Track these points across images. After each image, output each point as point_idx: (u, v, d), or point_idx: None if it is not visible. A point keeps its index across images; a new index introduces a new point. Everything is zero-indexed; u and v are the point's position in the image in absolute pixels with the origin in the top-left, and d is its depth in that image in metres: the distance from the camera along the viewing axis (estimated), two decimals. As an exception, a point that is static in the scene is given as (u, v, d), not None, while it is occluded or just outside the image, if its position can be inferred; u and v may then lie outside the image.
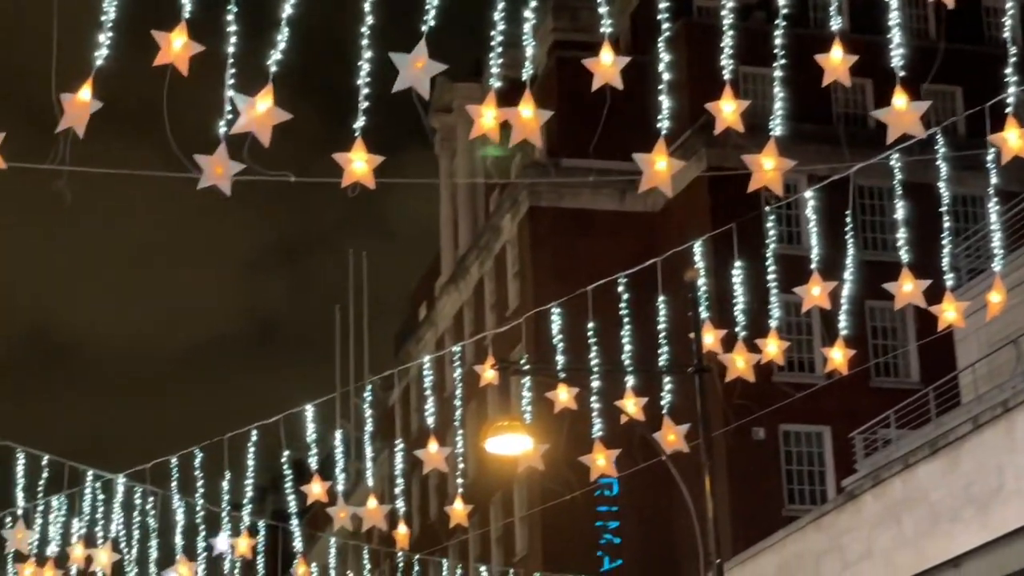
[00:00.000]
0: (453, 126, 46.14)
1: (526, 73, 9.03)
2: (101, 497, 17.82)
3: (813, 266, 13.42)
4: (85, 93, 8.86)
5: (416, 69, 8.68)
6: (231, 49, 8.98)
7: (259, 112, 8.85)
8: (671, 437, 14.85)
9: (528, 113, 9.10)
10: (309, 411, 16.57)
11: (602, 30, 9.36)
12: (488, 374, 15.83)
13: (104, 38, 8.86)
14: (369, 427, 19.25)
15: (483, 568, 29.88)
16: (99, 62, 8.82)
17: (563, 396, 14.97)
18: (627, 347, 15.71)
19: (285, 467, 18.03)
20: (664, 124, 9.84)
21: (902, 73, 9.99)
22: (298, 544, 23.37)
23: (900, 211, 13.54)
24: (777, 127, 10.71)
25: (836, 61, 9.80)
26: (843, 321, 14.05)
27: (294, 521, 19.40)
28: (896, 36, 10.41)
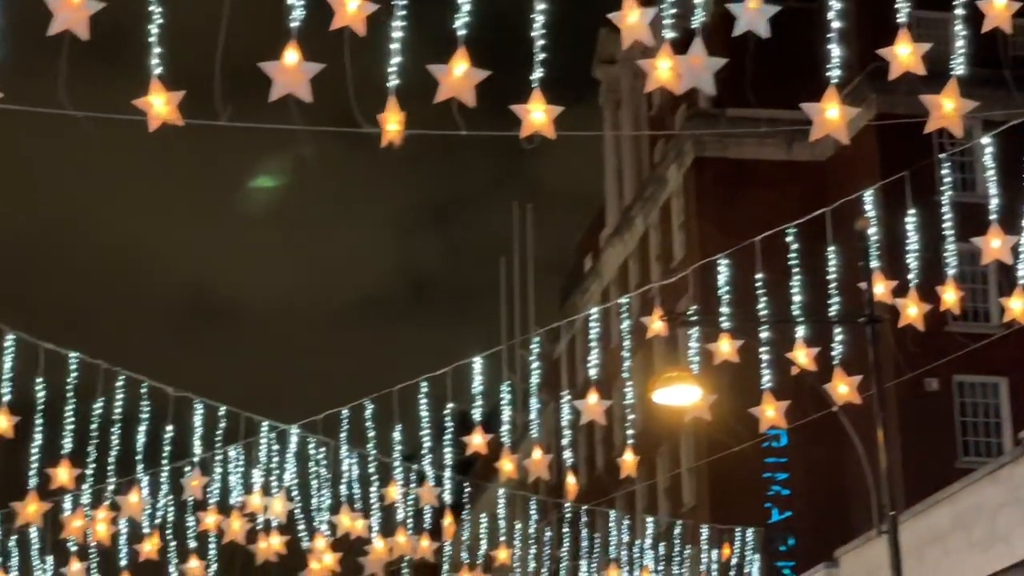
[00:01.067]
0: (617, 77, 45.90)
1: (696, 21, 8.95)
2: (275, 447, 18.19)
3: (992, 217, 13.12)
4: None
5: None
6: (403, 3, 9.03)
7: (457, 76, 8.91)
8: (842, 388, 14.67)
9: (699, 59, 8.99)
10: (477, 363, 16.71)
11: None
12: (655, 325, 15.79)
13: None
14: (535, 379, 19.34)
15: (650, 519, 29.84)
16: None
17: (724, 348, 14.87)
18: (796, 297, 15.55)
19: (451, 419, 18.21)
20: (835, 72, 9.67)
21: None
22: (463, 496, 23.62)
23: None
24: (959, 67, 10.44)
25: (999, 7, 9.57)
26: (1021, 270, 13.72)
27: (446, 475, 19.61)
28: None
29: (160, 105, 9.44)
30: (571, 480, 18.80)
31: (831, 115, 9.52)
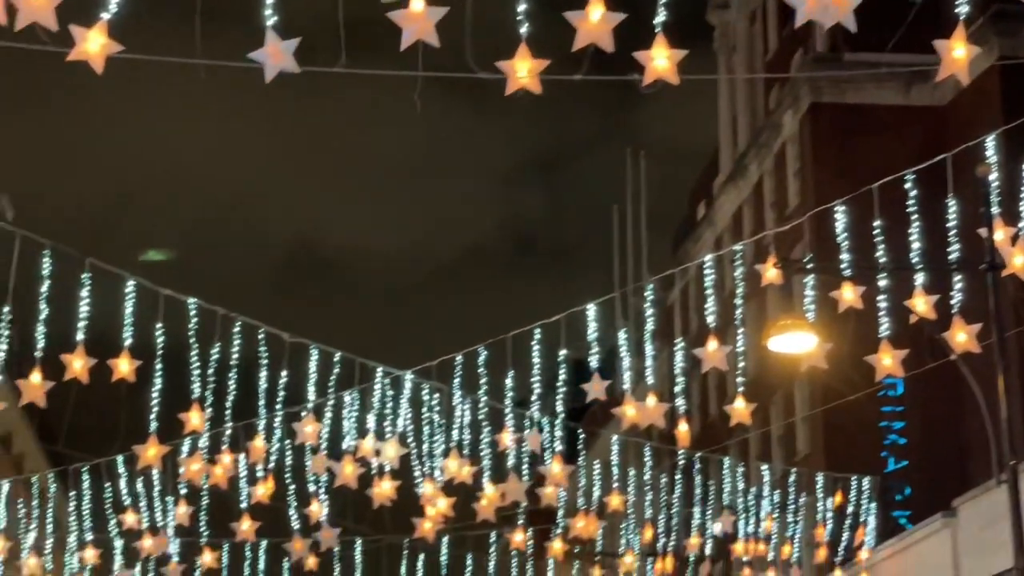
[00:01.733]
0: (731, 22, 45.38)
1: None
2: (389, 393, 18.33)
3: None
4: None
5: None
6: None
7: (594, 21, 8.85)
8: (961, 337, 14.43)
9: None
10: (591, 310, 16.68)
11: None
12: (770, 273, 15.64)
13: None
14: (649, 326, 19.27)
15: (764, 467, 29.70)
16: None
17: (848, 295, 14.68)
18: (915, 244, 15.32)
19: (564, 366, 18.21)
20: (963, 7, 9.45)
21: None
22: (577, 443, 23.66)
23: None
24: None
25: None
26: None
27: (555, 422, 19.63)
28: None
29: (274, 54, 9.45)
30: (684, 427, 18.73)
31: (957, 55, 9.29)
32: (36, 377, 14.50)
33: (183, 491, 20.73)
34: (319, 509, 20.58)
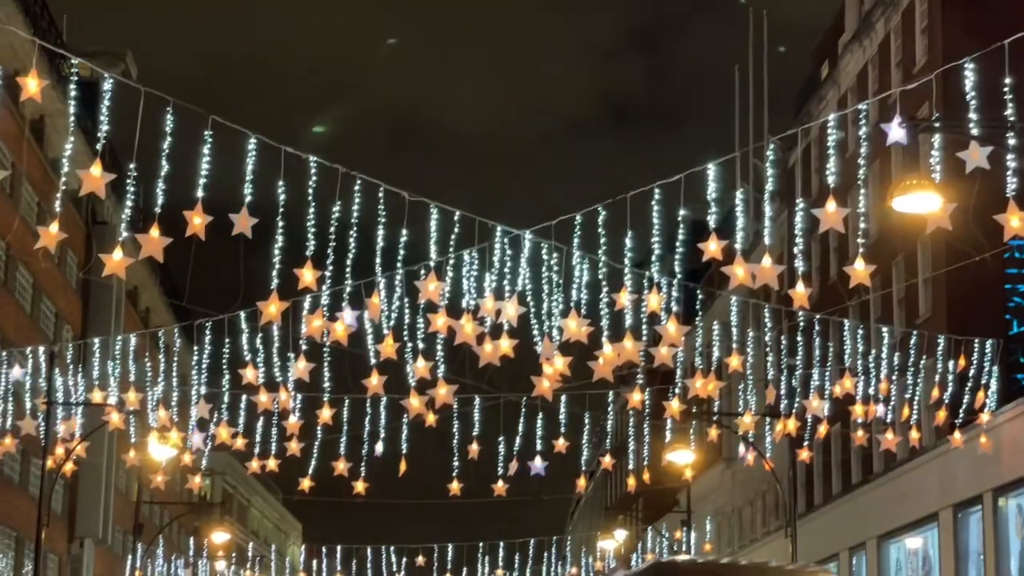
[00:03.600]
0: None
1: None
2: (509, 252, 18.36)
3: None
4: None
5: None
6: None
7: None
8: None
9: None
10: (711, 170, 16.51)
11: None
12: (895, 132, 15.34)
13: None
14: (769, 187, 19.06)
15: (885, 329, 29.43)
16: None
17: (975, 154, 14.36)
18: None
19: (683, 227, 18.08)
20: None
21: None
22: (696, 303, 23.57)
23: None
24: None
25: None
26: None
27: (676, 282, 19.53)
28: None
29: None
30: (801, 289, 18.56)
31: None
32: (155, 232, 14.70)
33: (304, 347, 21.06)
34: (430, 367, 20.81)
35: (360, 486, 30.47)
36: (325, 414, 25.54)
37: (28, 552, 49.02)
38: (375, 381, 21.50)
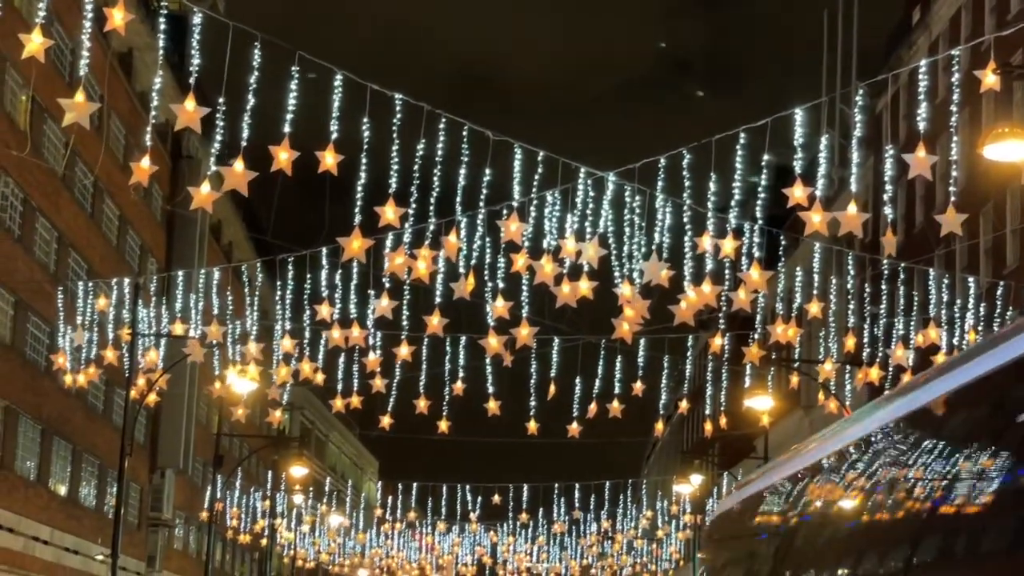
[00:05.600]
0: None
1: None
2: (592, 194, 18.27)
3: None
4: None
5: None
6: None
7: None
8: None
9: None
10: (798, 114, 16.32)
11: None
12: (988, 79, 15.08)
13: None
14: (857, 133, 18.83)
15: (971, 279, 29.10)
16: None
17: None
18: None
19: (767, 172, 17.91)
20: None
21: None
22: (779, 249, 23.35)
23: None
24: None
25: None
26: None
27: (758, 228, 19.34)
28: None
29: None
30: (888, 236, 18.34)
31: None
32: (239, 165, 14.76)
33: (386, 284, 21.12)
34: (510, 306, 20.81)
35: (444, 424, 30.63)
36: (403, 351, 25.62)
37: (111, 480, 49.84)
38: (436, 321, 21.59)
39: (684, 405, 32.12)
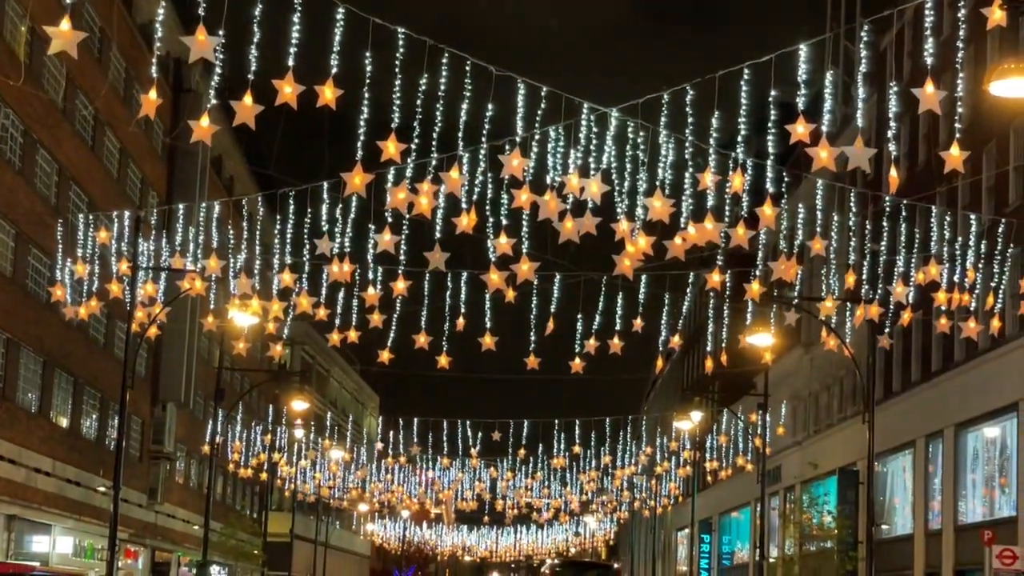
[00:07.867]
0: None
1: None
2: (595, 130, 18.19)
3: None
4: None
5: None
6: None
7: None
8: None
9: None
10: (802, 50, 16.24)
11: None
12: (996, 15, 14.97)
13: None
14: (862, 68, 18.72)
15: (972, 216, 29.03)
16: None
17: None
18: None
19: (772, 108, 17.83)
20: None
21: None
22: (781, 186, 23.24)
23: None
24: None
25: None
26: None
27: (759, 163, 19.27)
28: None
29: None
30: (892, 173, 18.27)
31: None
32: (248, 99, 14.71)
33: (389, 219, 21.08)
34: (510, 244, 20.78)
35: (443, 360, 30.66)
36: (400, 285, 25.61)
37: (112, 413, 50.01)
38: (438, 255, 21.55)
39: (676, 340, 32.09)
